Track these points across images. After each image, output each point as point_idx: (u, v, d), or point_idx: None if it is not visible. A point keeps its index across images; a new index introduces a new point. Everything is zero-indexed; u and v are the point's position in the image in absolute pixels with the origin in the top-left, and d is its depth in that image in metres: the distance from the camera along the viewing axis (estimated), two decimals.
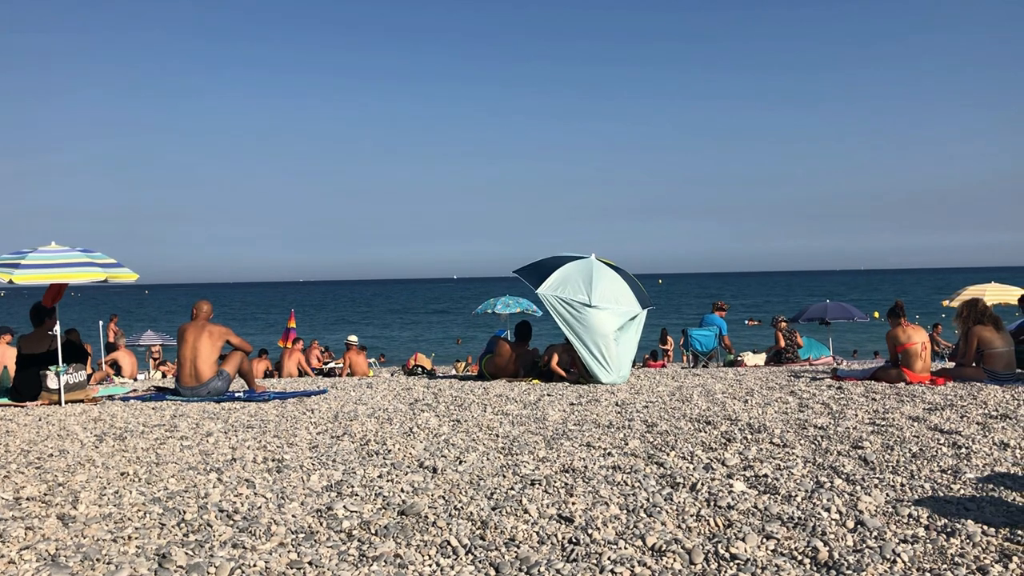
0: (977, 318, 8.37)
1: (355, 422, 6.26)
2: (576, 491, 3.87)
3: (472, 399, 7.61)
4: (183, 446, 5.35)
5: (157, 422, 6.50)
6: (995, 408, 6.07)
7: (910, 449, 4.63)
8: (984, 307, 8.51)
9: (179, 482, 4.26)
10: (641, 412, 6.43)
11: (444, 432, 5.68)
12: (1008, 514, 3.31)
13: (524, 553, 3.01)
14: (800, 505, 3.54)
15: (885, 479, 3.95)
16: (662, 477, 4.12)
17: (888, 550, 2.89)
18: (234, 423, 6.37)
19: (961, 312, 8.59)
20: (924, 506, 3.45)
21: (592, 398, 7.51)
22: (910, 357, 8.22)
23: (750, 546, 3.01)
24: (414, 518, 3.49)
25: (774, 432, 5.31)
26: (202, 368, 8.31)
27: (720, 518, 3.37)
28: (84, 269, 8.23)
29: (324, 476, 4.32)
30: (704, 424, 5.74)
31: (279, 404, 7.66)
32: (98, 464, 4.79)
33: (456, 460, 4.65)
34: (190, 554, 3.08)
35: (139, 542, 3.23)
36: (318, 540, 3.23)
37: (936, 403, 6.46)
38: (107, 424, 6.45)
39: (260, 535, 3.29)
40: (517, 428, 5.77)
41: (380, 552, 3.06)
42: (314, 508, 3.68)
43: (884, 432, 5.21)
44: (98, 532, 3.36)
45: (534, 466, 4.45)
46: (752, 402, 6.87)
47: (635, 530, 3.24)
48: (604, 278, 9.48)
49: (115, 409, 7.49)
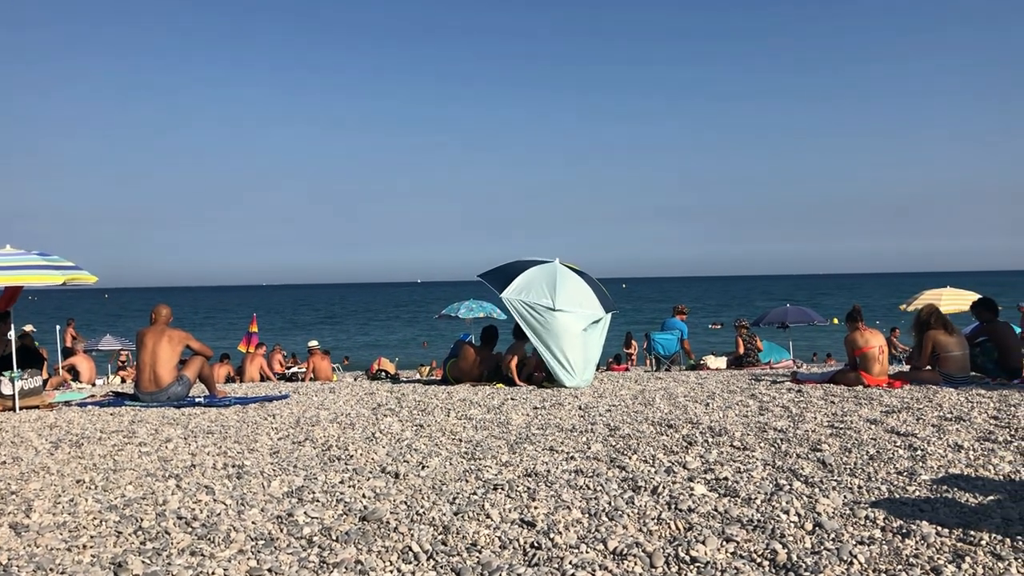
0: (931, 323, 8.52)
1: (317, 427, 6.22)
2: (539, 495, 3.87)
3: (435, 403, 7.59)
4: (141, 452, 5.27)
5: (115, 428, 6.40)
6: (950, 410, 6.18)
7: (867, 451, 4.70)
8: (936, 311, 8.68)
9: (137, 489, 4.20)
10: (604, 416, 6.45)
11: (407, 437, 5.66)
12: (961, 515, 3.37)
13: (486, 558, 3.01)
14: (760, 508, 3.57)
15: (843, 481, 4.00)
16: (624, 481, 4.14)
17: (845, 551, 2.93)
18: (194, 429, 6.29)
19: (920, 316, 8.74)
20: (881, 508, 3.50)
21: (556, 402, 7.53)
22: (868, 360, 8.35)
23: (710, 549, 3.03)
24: (375, 524, 3.47)
25: (735, 435, 5.36)
26: (162, 373, 8.20)
27: (681, 521, 3.39)
28: (41, 272, 8.08)
29: (285, 482, 4.28)
30: (666, 427, 5.77)
31: (240, 409, 7.58)
32: (53, 471, 4.70)
33: (419, 465, 4.64)
34: (147, 562, 3.03)
35: (94, 551, 3.17)
36: (278, 547, 3.20)
37: (893, 406, 6.56)
38: (63, 430, 6.34)
39: (219, 542, 3.25)
40: (480, 432, 5.76)
41: (341, 558, 3.03)
42: (274, 514, 3.65)
43: (842, 435, 5.28)
44: (52, 541, 3.30)
45: (497, 470, 4.45)
46: (713, 405, 6.93)
47: (597, 534, 3.25)
48: (568, 282, 9.51)
49: (72, 415, 7.36)
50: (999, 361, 8.56)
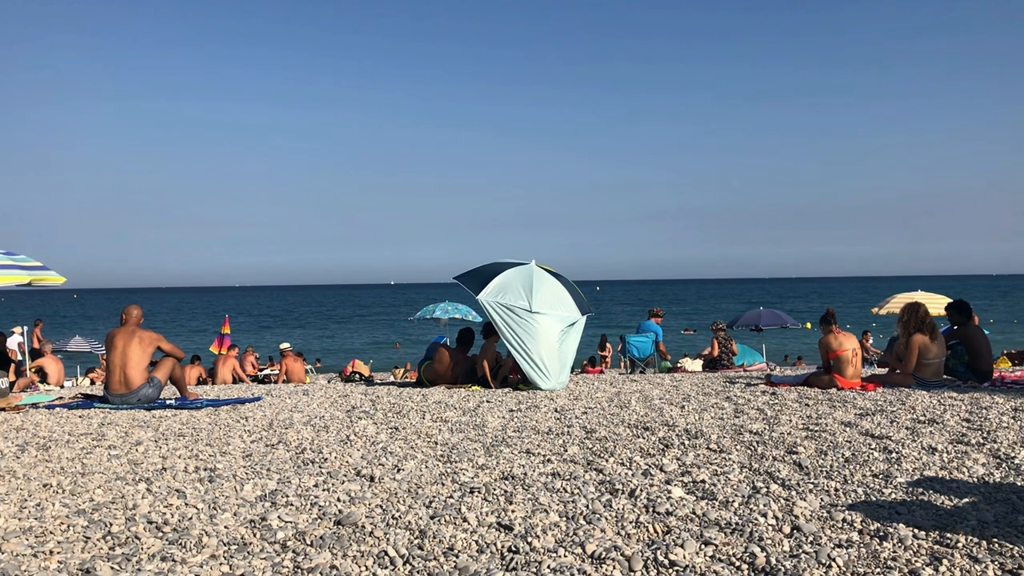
0: (918, 325, 8.51)
1: (290, 430, 6.14)
2: (515, 499, 3.84)
3: (411, 406, 7.54)
4: (111, 455, 5.18)
5: (84, 431, 6.29)
6: (923, 413, 6.23)
7: (843, 454, 4.72)
8: (925, 313, 8.60)
9: (106, 493, 4.12)
10: (580, 418, 6.44)
11: (382, 440, 5.60)
12: (937, 517, 3.38)
13: (463, 562, 2.97)
14: (737, 511, 3.56)
15: (819, 484, 4.01)
16: (601, 484, 4.12)
17: (823, 555, 2.93)
18: (165, 431, 6.19)
19: (902, 317, 8.71)
20: (857, 510, 3.51)
21: (531, 404, 7.50)
22: (841, 363, 8.39)
23: (689, 552, 3.02)
24: (351, 528, 3.42)
25: (711, 438, 5.36)
26: (132, 375, 8.08)
27: (659, 524, 3.37)
28: (6, 272, 7.94)
29: (258, 485, 4.22)
30: (642, 430, 5.77)
31: (212, 412, 7.48)
32: (19, 475, 4.60)
33: (394, 468, 4.59)
34: (116, 568, 2.97)
35: (61, 557, 3.10)
36: (251, 551, 3.14)
37: (867, 408, 6.60)
38: (30, 433, 6.22)
39: (191, 547, 3.19)
40: (456, 435, 5.72)
41: (316, 563, 2.99)
42: (247, 519, 3.59)
43: (818, 437, 5.30)
44: (17, 547, 3.22)
45: (473, 474, 4.41)
46: (689, 408, 6.93)
47: (575, 537, 3.23)
48: (544, 284, 9.49)
49: (39, 418, 7.23)
50: (970, 364, 8.62)
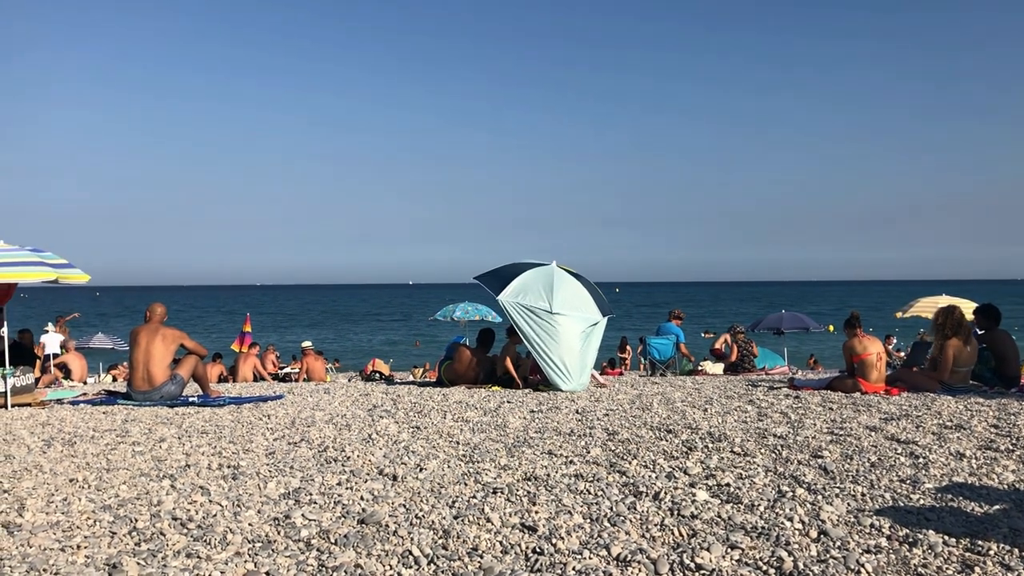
0: (954, 329, 8.37)
1: (313, 428, 6.16)
2: (539, 500, 3.82)
3: (431, 405, 7.54)
4: (135, 452, 5.21)
5: (108, 427, 6.33)
6: (949, 418, 6.15)
7: (869, 459, 4.67)
8: (961, 317, 8.45)
9: (131, 489, 4.14)
10: (602, 420, 6.41)
11: (404, 439, 5.60)
12: (968, 524, 3.33)
13: (487, 563, 2.96)
14: (763, 515, 3.53)
15: (846, 488, 3.96)
16: (625, 486, 4.09)
17: (852, 560, 2.89)
18: (188, 428, 6.23)
19: (937, 320, 8.57)
20: (885, 516, 3.46)
21: (552, 405, 7.48)
22: (866, 367, 8.31)
23: (715, 556, 2.99)
24: (374, 527, 3.42)
25: (734, 441, 5.32)
26: (155, 372, 8.14)
27: (684, 527, 3.34)
28: (34, 268, 8.00)
29: (281, 483, 4.23)
30: (665, 432, 5.73)
31: (234, 409, 7.52)
32: (46, 470, 4.64)
33: (416, 467, 4.59)
34: (142, 564, 2.98)
35: (88, 551, 3.12)
36: (276, 549, 3.14)
37: (892, 413, 6.53)
38: (55, 428, 6.27)
39: (215, 544, 3.20)
40: (478, 435, 5.71)
41: (340, 562, 2.98)
42: (271, 516, 3.59)
43: (843, 441, 5.25)
44: (45, 541, 3.24)
45: (496, 474, 4.40)
46: (711, 411, 6.89)
47: (599, 539, 3.21)
48: (565, 285, 9.47)
49: (64, 413, 7.29)
50: (997, 369, 8.51)
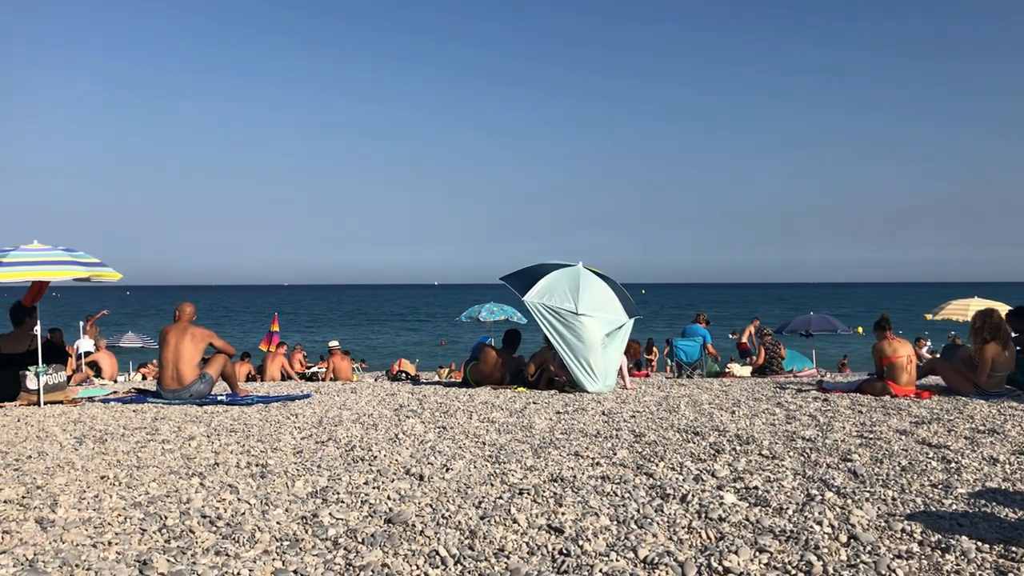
0: (993, 333, 8.22)
1: (340, 427, 6.19)
2: (565, 501, 3.81)
3: (457, 406, 7.55)
4: (165, 450, 5.26)
5: (138, 425, 6.40)
6: (982, 423, 6.06)
7: (899, 463, 4.61)
8: (1000, 320, 8.29)
9: (160, 486, 4.18)
10: (628, 422, 6.39)
11: (430, 439, 5.61)
12: (1001, 530, 3.28)
13: (514, 564, 2.96)
14: (792, 518, 3.50)
15: (876, 493, 3.92)
16: (652, 488, 4.07)
17: (883, 565, 2.86)
18: (217, 427, 6.28)
19: (975, 323, 8.41)
20: (917, 521, 3.42)
21: (578, 407, 7.46)
22: (896, 370, 8.21)
23: (743, 559, 2.97)
24: (401, 526, 3.43)
25: (763, 444, 5.28)
26: (184, 370, 8.22)
27: (712, 530, 3.32)
28: (66, 267, 8.12)
29: (309, 482, 4.25)
30: (692, 435, 5.70)
31: (262, 408, 7.57)
32: (78, 467, 4.70)
33: (443, 468, 4.59)
34: (172, 561, 3.00)
35: (119, 548, 3.15)
36: (303, 548, 3.16)
37: (923, 417, 6.45)
38: (87, 426, 6.35)
39: (244, 542, 3.22)
40: (504, 436, 5.71)
41: (367, 561, 2.99)
42: (299, 515, 3.62)
43: (872, 445, 5.19)
44: (77, 537, 3.28)
45: (522, 475, 4.40)
46: (739, 413, 6.84)
47: (626, 542, 3.19)
48: (591, 286, 9.44)
49: (95, 411, 7.38)
50: None
